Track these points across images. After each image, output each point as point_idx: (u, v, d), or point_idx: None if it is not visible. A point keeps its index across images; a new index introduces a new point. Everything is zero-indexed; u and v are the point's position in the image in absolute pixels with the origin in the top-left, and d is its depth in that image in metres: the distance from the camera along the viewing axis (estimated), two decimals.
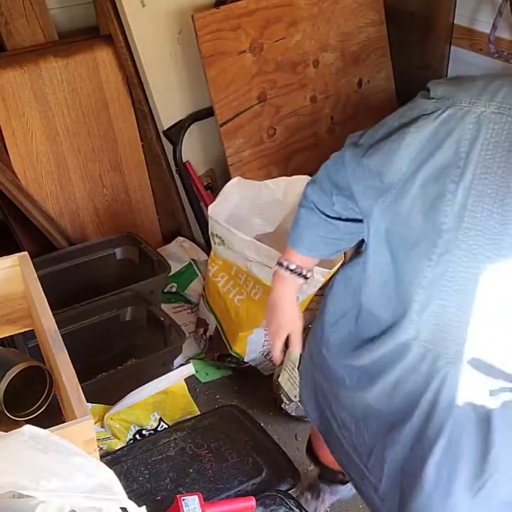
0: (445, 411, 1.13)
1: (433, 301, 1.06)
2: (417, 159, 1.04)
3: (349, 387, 1.32)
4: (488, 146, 0.98)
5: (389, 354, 1.17)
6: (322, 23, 2.70)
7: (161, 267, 2.46)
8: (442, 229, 1.02)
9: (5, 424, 1.18)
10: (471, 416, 1.12)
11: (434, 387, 1.13)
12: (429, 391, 1.14)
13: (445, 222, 1.02)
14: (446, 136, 1.01)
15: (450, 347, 1.08)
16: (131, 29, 2.52)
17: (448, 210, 1.01)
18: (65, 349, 1.10)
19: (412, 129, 1.05)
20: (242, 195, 2.39)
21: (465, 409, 1.12)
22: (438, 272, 1.04)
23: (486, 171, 0.98)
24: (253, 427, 1.77)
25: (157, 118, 2.72)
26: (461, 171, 1.00)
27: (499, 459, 1.12)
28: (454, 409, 1.12)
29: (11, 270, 1.32)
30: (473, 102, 1.00)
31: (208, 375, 2.54)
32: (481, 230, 0.99)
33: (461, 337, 1.06)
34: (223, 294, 2.36)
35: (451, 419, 1.13)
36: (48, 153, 2.62)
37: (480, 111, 0.99)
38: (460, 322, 1.05)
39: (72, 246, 2.64)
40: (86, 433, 0.98)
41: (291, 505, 1.50)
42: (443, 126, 1.02)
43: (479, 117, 0.99)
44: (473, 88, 1.01)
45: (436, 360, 1.11)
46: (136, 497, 1.54)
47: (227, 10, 2.48)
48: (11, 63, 2.48)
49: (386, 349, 1.17)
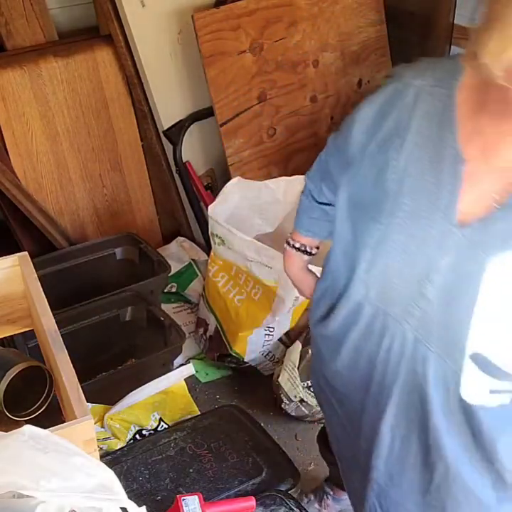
0: (395, 371, 1.18)
1: (378, 260, 1.13)
2: (368, 131, 1.15)
3: (325, 359, 1.38)
4: (424, 116, 1.07)
5: (347, 317, 1.24)
6: (322, 23, 2.70)
7: (161, 267, 2.46)
8: (388, 194, 1.11)
9: (5, 424, 1.18)
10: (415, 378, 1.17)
11: (385, 346, 1.18)
12: (381, 350, 1.19)
13: (390, 187, 1.10)
14: (390, 108, 1.11)
15: (396, 305, 1.13)
16: (131, 29, 2.52)
17: (393, 176, 1.10)
18: (65, 349, 1.10)
19: (365, 103, 1.17)
20: (242, 195, 2.39)
21: (410, 371, 1.16)
22: (384, 233, 1.12)
23: (423, 139, 1.07)
24: (253, 427, 1.77)
25: (157, 118, 2.72)
26: (401, 140, 1.09)
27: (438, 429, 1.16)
28: (401, 369, 1.17)
29: (11, 270, 1.32)
30: (415, 77, 1.10)
31: (207, 375, 2.54)
32: (420, 194, 1.07)
33: (405, 296, 1.11)
34: (223, 294, 2.36)
35: (399, 380, 1.18)
36: (48, 153, 2.62)
37: (419, 84, 1.08)
38: (404, 281, 1.11)
39: (72, 246, 2.64)
40: (86, 433, 0.98)
41: (291, 505, 1.50)
42: (388, 100, 1.12)
43: (418, 90, 1.08)
44: (418, 66, 1.13)
45: (386, 319, 1.16)
46: (136, 497, 1.54)
47: (227, 10, 2.48)
48: (11, 63, 2.48)
49: (344, 312, 1.24)
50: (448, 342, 1.08)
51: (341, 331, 1.27)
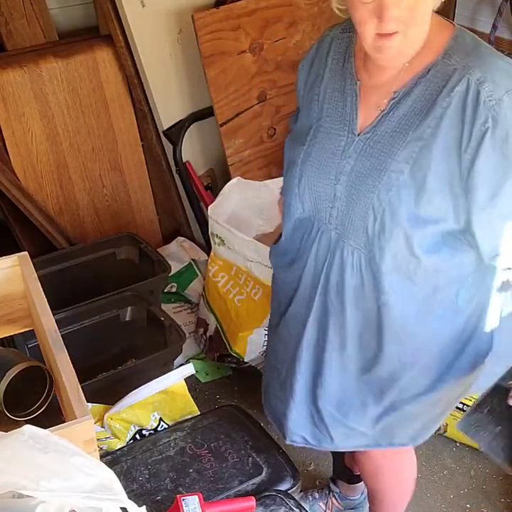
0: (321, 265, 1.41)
1: (304, 173, 1.37)
2: (305, 80, 1.44)
3: (280, 288, 1.60)
4: (335, 55, 1.37)
5: (294, 236, 1.46)
6: (322, 23, 2.70)
7: (161, 267, 2.46)
8: (312, 120, 1.38)
9: (5, 424, 1.18)
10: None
11: (313, 250, 1.41)
12: (311, 254, 1.42)
13: (314, 115, 1.38)
14: (315, 55, 1.42)
15: (321, 211, 1.37)
16: (131, 29, 2.52)
17: (315, 106, 1.38)
18: (65, 349, 1.10)
19: (303, 58, 1.46)
20: (242, 195, 2.40)
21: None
22: (306, 152, 1.37)
23: (334, 74, 1.36)
24: (253, 427, 1.77)
25: (157, 118, 2.71)
26: (321, 78, 1.38)
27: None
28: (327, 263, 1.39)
29: (11, 270, 1.32)
30: (331, 29, 1.42)
31: (208, 375, 2.54)
32: (332, 115, 1.34)
33: (325, 200, 1.35)
34: (223, 294, 2.36)
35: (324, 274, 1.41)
36: (48, 153, 2.62)
37: (332, 33, 1.40)
38: (322, 188, 1.35)
39: (72, 246, 2.64)
40: (86, 433, 0.98)
41: (291, 505, 1.50)
42: (315, 50, 1.42)
43: (332, 37, 1.39)
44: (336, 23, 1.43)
45: (319, 226, 1.39)
46: (136, 497, 1.54)
47: (227, 10, 2.48)
48: (11, 63, 2.48)
49: (290, 231, 1.47)
50: (356, 230, 1.31)
51: (292, 252, 1.48)
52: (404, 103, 1.23)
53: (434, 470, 2.23)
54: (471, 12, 2.63)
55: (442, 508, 2.12)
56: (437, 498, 2.14)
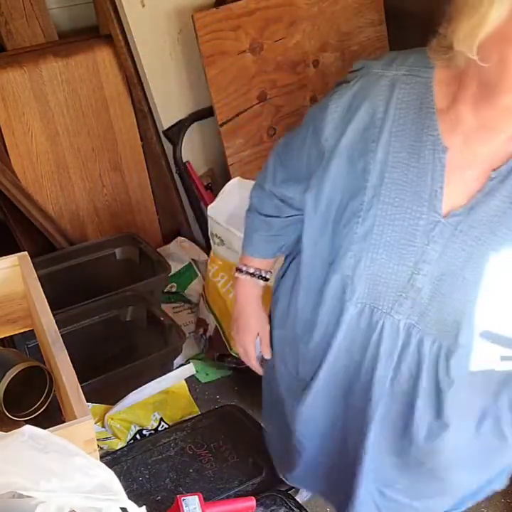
0: (386, 365, 1.17)
1: (364, 254, 1.11)
2: (340, 126, 1.13)
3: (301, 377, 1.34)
4: (401, 105, 1.07)
5: (328, 325, 1.22)
6: (322, 23, 2.70)
7: (161, 267, 2.46)
8: (366, 186, 1.10)
9: (5, 424, 1.18)
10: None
11: (373, 342, 1.17)
12: (370, 348, 1.18)
13: (368, 179, 1.09)
14: (362, 100, 1.10)
15: (385, 299, 1.13)
16: (131, 29, 2.52)
17: (371, 168, 1.09)
18: (65, 349, 1.10)
19: (334, 96, 1.15)
20: (242, 195, 2.39)
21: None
22: (366, 226, 1.10)
23: (402, 129, 1.07)
24: (253, 427, 1.77)
25: (157, 118, 2.72)
26: (379, 130, 1.08)
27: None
28: (394, 361, 1.16)
29: (11, 270, 1.31)
30: (385, 67, 1.10)
31: (208, 375, 2.54)
32: (401, 184, 1.07)
33: (393, 289, 1.11)
34: (223, 294, 2.36)
35: (389, 374, 1.18)
36: (48, 153, 2.62)
37: (392, 74, 1.08)
38: (392, 275, 1.11)
39: (72, 246, 2.65)
40: (86, 433, 0.98)
41: (291, 505, 1.50)
42: (359, 92, 1.11)
43: (392, 80, 1.08)
44: (386, 58, 1.13)
45: (373, 315, 1.15)
46: (136, 497, 1.54)
47: (227, 10, 2.48)
48: (11, 63, 2.48)
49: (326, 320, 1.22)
50: (442, 326, 1.09)
51: (323, 341, 1.24)
52: (507, 182, 1.01)
53: None
54: None
55: None
56: None
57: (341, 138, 1.12)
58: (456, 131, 1.03)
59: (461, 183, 1.04)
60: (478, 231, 1.03)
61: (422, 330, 1.11)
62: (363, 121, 1.10)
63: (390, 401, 1.21)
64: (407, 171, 1.07)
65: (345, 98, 1.13)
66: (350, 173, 1.12)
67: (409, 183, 1.06)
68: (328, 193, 1.16)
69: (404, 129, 1.07)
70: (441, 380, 1.14)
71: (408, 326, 1.12)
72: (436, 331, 1.10)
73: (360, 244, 1.11)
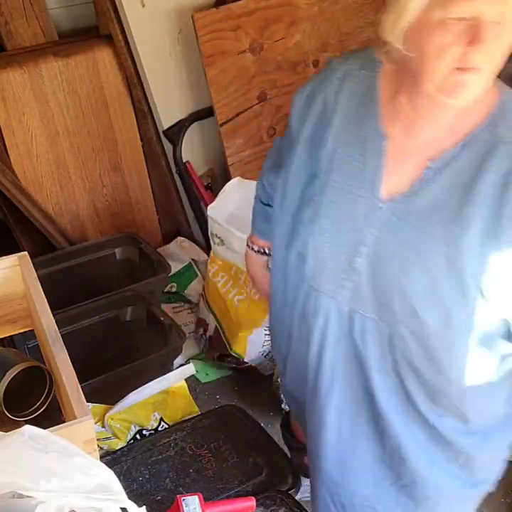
0: (334, 348, 1.21)
1: (312, 237, 1.17)
2: (301, 117, 1.22)
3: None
4: (349, 96, 1.15)
5: (288, 301, 1.29)
6: (322, 23, 2.70)
7: (161, 267, 2.46)
8: (318, 173, 1.17)
9: (5, 424, 1.18)
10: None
11: (319, 325, 1.21)
12: (316, 332, 1.22)
13: (321, 166, 1.16)
14: (319, 92, 1.19)
15: (328, 282, 1.18)
16: (131, 29, 2.52)
17: (323, 155, 1.16)
18: (65, 349, 1.10)
19: (298, 91, 1.25)
20: (242, 195, 2.39)
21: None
22: (315, 211, 1.17)
23: (349, 119, 1.14)
24: (253, 427, 1.77)
25: (157, 118, 2.72)
26: (330, 120, 1.16)
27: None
28: (341, 344, 1.20)
29: (11, 270, 1.32)
30: (341, 62, 1.19)
31: (208, 375, 2.54)
32: (347, 171, 1.13)
33: (336, 271, 1.16)
34: (223, 294, 2.36)
35: (340, 356, 1.22)
36: (48, 153, 2.62)
37: (345, 68, 1.17)
38: (334, 257, 1.15)
39: (72, 246, 2.65)
40: (86, 433, 0.98)
41: (291, 505, 1.50)
42: (317, 84, 1.20)
43: (344, 73, 1.16)
44: (345, 54, 1.24)
45: (318, 298, 1.20)
46: (136, 497, 1.54)
47: (227, 10, 2.48)
48: (11, 63, 2.48)
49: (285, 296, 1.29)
50: (380, 307, 1.13)
51: (287, 316, 1.31)
52: (444, 175, 1.05)
53: None
54: None
55: None
56: None
57: (302, 128, 1.21)
58: (396, 120, 1.09)
59: (401, 170, 1.09)
60: (414, 218, 1.07)
61: (363, 314, 1.15)
62: (319, 111, 1.18)
63: (342, 383, 1.24)
64: (352, 158, 1.13)
65: (306, 90, 1.22)
66: (308, 160, 1.19)
67: (353, 170, 1.12)
68: (292, 179, 1.23)
69: (351, 119, 1.14)
70: (388, 361, 1.17)
71: (351, 311, 1.16)
72: (377, 316, 1.14)
73: (309, 228, 1.17)
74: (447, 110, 1.04)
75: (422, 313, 1.09)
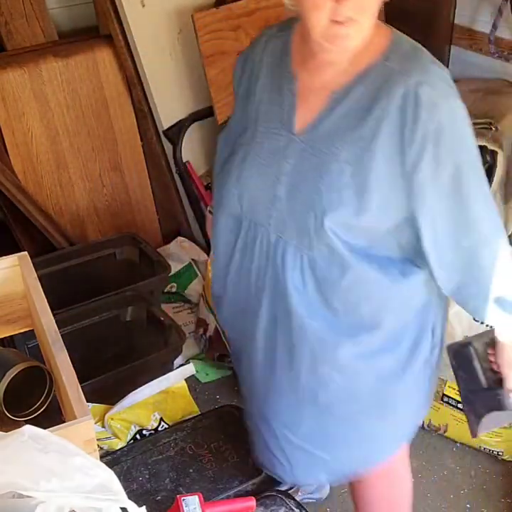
0: (264, 274, 1.35)
1: (242, 174, 1.34)
2: (239, 77, 1.40)
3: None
4: (271, 53, 1.34)
5: (230, 235, 1.41)
6: None
7: (161, 267, 2.46)
8: (249, 121, 1.35)
9: (5, 424, 1.18)
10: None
11: (256, 254, 1.35)
12: (255, 259, 1.36)
13: (251, 116, 1.35)
14: (250, 55, 1.38)
15: (260, 212, 1.32)
16: (131, 29, 2.52)
17: (252, 106, 1.35)
18: (65, 349, 1.10)
19: (238, 56, 1.42)
20: None
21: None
22: (246, 151, 1.34)
23: (271, 71, 1.33)
24: None
25: (157, 118, 2.72)
26: (256, 77, 1.35)
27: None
28: (268, 270, 1.34)
29: (11, 270, 1.32)
30: (268, 29, 1.39)
31: (208, 375, 2.54)
32: (269, 115, 1.32)
33: (264, 201, 1.31)
34: None
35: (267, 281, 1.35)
36: (48, 153, 2.62)
37: (270, 33, 1.37)
38: (261, 188, 1.31)
39: (72, 246, 2.64)
40: (86, 433, 0.98)
41: (291, 505, 1.50)
42: (250, 49, 1.39)
43: (268, 36, 1.36)
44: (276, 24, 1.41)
45: (256, 229, 1.34)
46: (136, 497, 1.54)
47: (227, 10, 2.49)
48: (11, 63, 2.48)
49: (228, 230, 1.41)
50: (298, 230, 1.27)
51: (227, 250, 1.42)
52: (344, 103, 1.22)
53: (434, 470, 2.22)
54: (471, 12, 2.63)
55: (442, 508, 2.12)
56: (437, 498, 2.14)
57: (239, 88, 1.40)
58: (304, 67, 1.28)
59: (310, 106, 1.27)
60: (321, 145, 1.24)
61: (285, 240, 1.29)
62: (250, 71, 1.37)
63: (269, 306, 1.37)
64: (273, 104, 1.31)
65: (243, 55, 1.41)
66: (242, 115, 1.39)
67: (274, 113, 1.31)
68: (231, 136, 1.43)
69: (272, 71, 1.33)
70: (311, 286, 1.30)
71: (276, 238, 1.31)
72: (297, 241, 1.28)
73: (242, 164, 1.33)
74: (339, 54, 1.20)
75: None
